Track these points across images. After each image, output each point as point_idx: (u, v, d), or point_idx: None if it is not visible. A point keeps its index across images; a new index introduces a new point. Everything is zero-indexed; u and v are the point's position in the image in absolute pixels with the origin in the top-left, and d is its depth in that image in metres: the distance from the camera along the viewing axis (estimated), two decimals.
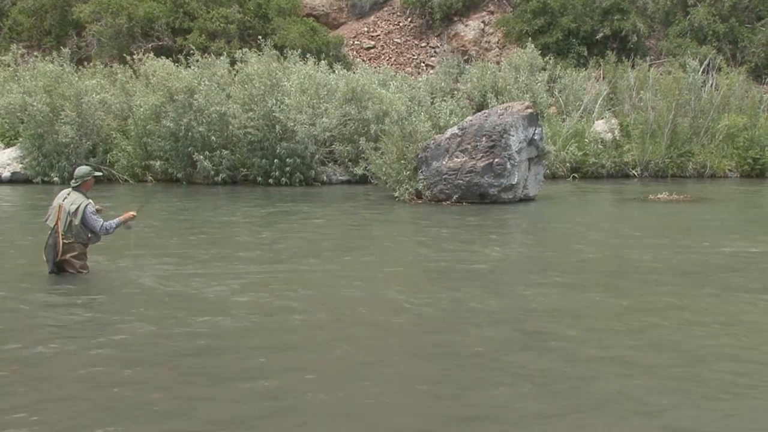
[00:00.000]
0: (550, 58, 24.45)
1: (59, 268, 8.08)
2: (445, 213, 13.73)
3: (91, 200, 8.10)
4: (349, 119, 18.56)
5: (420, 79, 24.83)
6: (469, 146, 14.86)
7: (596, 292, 7.76)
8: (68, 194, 8.08)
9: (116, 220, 8.15)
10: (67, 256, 8.01)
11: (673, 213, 13.86)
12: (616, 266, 9.22)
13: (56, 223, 7.96)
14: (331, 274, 8.57)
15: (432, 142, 15.33)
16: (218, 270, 8.56)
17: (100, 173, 9.08)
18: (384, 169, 15.73)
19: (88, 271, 8.18)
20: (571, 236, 11.53)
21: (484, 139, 14.78)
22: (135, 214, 8.36)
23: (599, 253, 9.93)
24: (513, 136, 14.76)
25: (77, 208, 7.91)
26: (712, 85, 23.42)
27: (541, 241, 11.16)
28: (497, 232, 12.27)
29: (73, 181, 8.19)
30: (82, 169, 8.23)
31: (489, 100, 21.35)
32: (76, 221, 7.90)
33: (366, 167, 17.40)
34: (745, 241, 10.79)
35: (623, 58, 25.83)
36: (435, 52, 29.14)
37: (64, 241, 7.95)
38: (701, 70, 22.85)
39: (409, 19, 30.10)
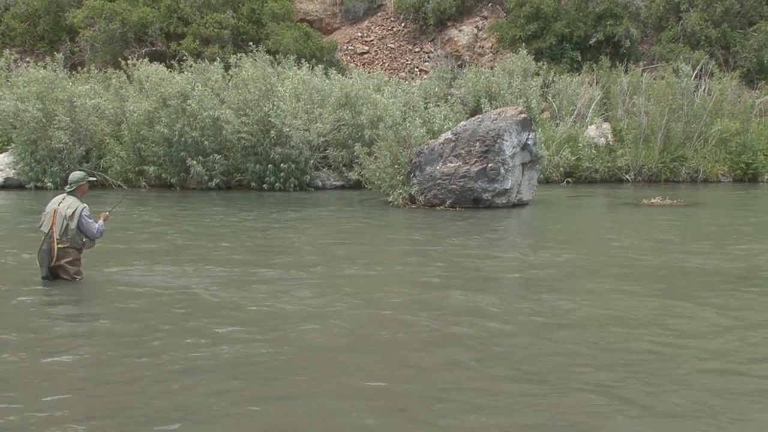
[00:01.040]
0: (543, 63, 24.56)
1: (53, 274, 8.04)
2: (443, 218, 13.65)
3: (86, 205, 8.09)
4: (343, 124, 18.59)
5: (414, 84, 24.90)
6: (462, 151, 14.88)
7: (670, 299, 7.41)
8: (63, 199, 8.05)
9: (101, 222, 8.19)
10: (62, 261, 7.97)
11: (674, 217, 13.78)
12: (666, 271, 8.82)
13: (51, 228, 7.92)
14: (384, 279, 8.49)
15: (426, 147, 15.35)
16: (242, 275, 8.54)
17: (94, 178, 9.08)
18: (378, 174, 15.74)
19: (82, 277, 8.14)
20: (582, 240, 11.44)
21: (477, 144, 14.80)
22: (107, 214, 8.46)
23: (633, 258, 9.54)
24: (506, 141, 14.78)
25: (73, 212, 7.89)
26: (704, 90, 23.58)
27: (552, 245, 10.66)
28: (505, 236, 12.25)
29: (67, 186, 8.17)
30: (76, 174, 8.22)
31: (483, 105, 21.42)
32: (73, 225, 7.87)
33: (360, 172, 17.40)
34: None
35: (616, 63, 25.97)
36: (429, 57, 29.20)
37: (59, 246, 7.90)
38: (694, 75, 22.99)
39: (402, 24, 30.18)
